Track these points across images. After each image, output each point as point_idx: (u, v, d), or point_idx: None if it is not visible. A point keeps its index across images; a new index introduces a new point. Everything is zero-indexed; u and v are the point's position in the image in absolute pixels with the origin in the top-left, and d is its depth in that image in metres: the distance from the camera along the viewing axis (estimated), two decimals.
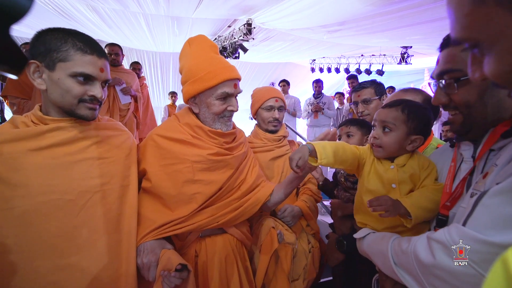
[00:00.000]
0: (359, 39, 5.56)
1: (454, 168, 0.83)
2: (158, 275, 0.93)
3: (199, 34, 1.18)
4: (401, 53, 6.32)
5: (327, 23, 4.55)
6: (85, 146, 0.95)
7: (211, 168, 1.12)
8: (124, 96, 3.03)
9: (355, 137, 1.34)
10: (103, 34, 5.73)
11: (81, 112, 0.92)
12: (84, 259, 0.90)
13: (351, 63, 7.69)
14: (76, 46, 0.88)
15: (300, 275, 1.39)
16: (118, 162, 1.02)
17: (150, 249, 1.00)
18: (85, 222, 0.91)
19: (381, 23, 4.26)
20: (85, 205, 0.91)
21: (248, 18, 4.93)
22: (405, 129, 0.92)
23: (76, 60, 0.88)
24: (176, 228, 1.06)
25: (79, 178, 0.92)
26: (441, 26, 4.09)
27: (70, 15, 4.64)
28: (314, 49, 6.63)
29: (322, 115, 5.04)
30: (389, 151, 0.94)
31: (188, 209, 1.07)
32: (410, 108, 0.92)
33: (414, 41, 5.51)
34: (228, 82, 1.11)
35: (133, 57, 6.84)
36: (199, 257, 1.14)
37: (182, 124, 1.15)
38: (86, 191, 0.92)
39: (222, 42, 5.98)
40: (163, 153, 1.10)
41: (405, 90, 1.24)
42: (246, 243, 1.26)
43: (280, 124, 1.57)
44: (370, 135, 0.99)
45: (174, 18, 4.97)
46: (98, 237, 0.93)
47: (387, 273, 0.82)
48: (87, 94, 0.91)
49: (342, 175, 1.33)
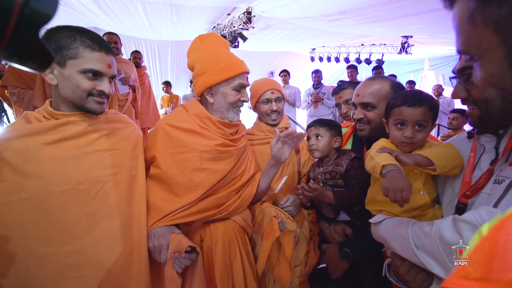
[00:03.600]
0: (359, 28, 5.51)
1: (474, 158, 0.85)
2: (169, 257, 0.99)
3: (210, 32, 1.27)
4: (402, 43, 6.29)
5: (327, 12, 4.49)
6: (95, 139, 1.00)
7: (217, 158, 1.20)
8: (122, 86, 3.02)
9: (324, 138, 1.31)
10: (100, 21, 5.63)
11: (90, 106, 0.97)
12: (98, 243, 0.96)
13: (351, 52, 7.64)
14: (85, 43, 0.92)
15: (302, 261, 1.46)
16: (126, 153, 1.07)
17: (161, 233, 1.07)
18: (98, 210, 0.97)
19: (382, 12, 4.22)
20: (97, 194, 0.97)
21: (247, 6, 4.85)
22: (432, 123, 0.97)
23: (85, 57, 0.92)
24: (184, 216, 1.13)
25: (91, 169, 0.97)
26: (442, 16, 4.06)
27: (67, 3, 4.55)
28: (314, 38, 6.56)
29: (322, 105, 5.05)
30: (419, 145, 0.99)
31: (194, 195, 1.14)
32: (434, 104, 0.97)
33: (414, 30, 5.47)
34: (243, 75, 1.22)
35: (131, 45, 6.73)
36: (204, 241, 1.22)
37: (191, 115, 1.22)
38: (97, 181, 0.97)
39: (222, 30, 5.90)
40: (173, 142, 1.16)
41: (372, 78, 1.24)
42: (247, 229, 1.34)
43: (280, 115, 1.58)
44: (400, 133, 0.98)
45: (172, 6, 4.88)
46: (110, 223, 0.99)
47: (406, 256, 0.83)
48: (96, 89, 0.96)
49: (320, 180, 1.30)
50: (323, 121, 1.35)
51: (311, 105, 5.12)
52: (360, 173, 1.19)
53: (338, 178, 1.24)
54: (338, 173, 1.24)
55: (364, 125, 1.23)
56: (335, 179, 1.25)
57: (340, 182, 1.24)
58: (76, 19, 5.42)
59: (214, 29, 6.25)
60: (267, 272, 1.43)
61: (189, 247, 0.99)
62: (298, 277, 1.42)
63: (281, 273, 1.31)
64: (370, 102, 1.18)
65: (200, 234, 1.23)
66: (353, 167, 1.21)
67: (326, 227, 1.32)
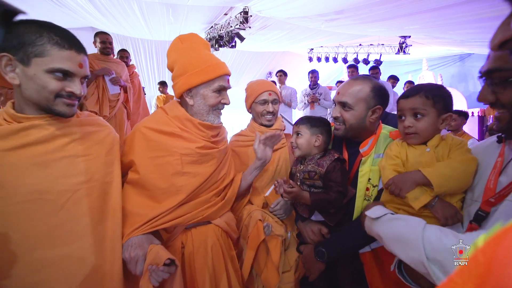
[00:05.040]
0: (357, 28, 5.49)
1: (501, 163, 0.79)
2: (146, 269, 0.93)
3: (190, 33, 1.22)
4: (400, 43, 6.27)
5: (324, 11, 4.47)
6: (64, 144, 0.92)
7: (199, 161, 1.16)
8: (113, 87, 3.00)
9: (303, 136, 1.27)
10: (97, 21, 5.61)
11: (58, 108, 0.89)
12: (66, 257, 0.88)
13: (349, 52, 7.63)
14: (53, 40, 0.84)
15: (292, 267, 1.41)
16: (100, 158, 1.01)
17: (138, 243, 1.01)
18: (66, 221, 0.89)
19: (379, 12, 4.19)
20: (65, 204, 0.89)
21: (244, 6, 4.83)
22: (435, 111, 0.95)
23: (53, 56, 0.84)
24: (164, 222, 1.08)
25: (59, 177, 0.90)
26: (439, 15, 4.04)
27: (62, 2, 4.52)
28: (311, 38, 6.54)
29: (318, 106, 5.02)
30: (425, 136, 0.97)
31: (175, 200, 1.10)
32: (432, 92, 0.95)
33: (412, 30, 5.45)
34: (224, 77, 1.19)
35: (128, 45, 6.72)
36: (185, 248, 1.17)
37: (170, 117, 1.18)
38: (66, 190, 0.90)
39: (219, 30, 5.88)
40: (152, 145, 1.12)
41: (356, 78, 1.22)
42: (230, 234, 1.29)
43: (274, 117, 1.57)
44: (401, 125, 1.00)
45: (169, 6, 4.86)
46: (79, 236, 0.91)
47: (409, 262, 0.75)
48: (65, 90, 0.88)
49: (298, 178, 1.28)
50: (306, 119, 1.32)
51: (307, 106, 5.09)
52: (340, 176, 1.16)
53: (317, 178, 1.21)
54: (318, 173, 1.20)
55: (340, 124, 1.21)
56: (313, 179, 1.22)
57: (318, 183, 1.21)
58: (72, 19, 5.41)
59: (211, 29, 6.23)
60: (256, 276, 1.40)
61: (168, 259, 0.93)
62: (286, 283, 1.37)
63: (268, 278, 1.28)
64: (347, 102, 1.16)
65: (182, 240, 1.18)
66: (334, 169, 1.18)
67: (303, 226, 1.30)
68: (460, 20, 4.16)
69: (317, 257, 1.17)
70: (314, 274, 1.21)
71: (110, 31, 6.29)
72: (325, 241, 1.20)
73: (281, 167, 1.52)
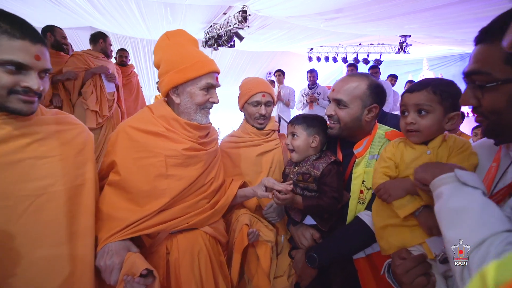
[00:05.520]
0: (356, 28, 5.44)
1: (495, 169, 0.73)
2: (121, 279, 0.87)
3: (178, 29, 1.18)
4: (400, 42, 6.22)
5: (323, 10, 4.43)
6: (23, 145, 0.84)
7: (185, 163, 1.11)
8: (108, 85, 2.98)
9: (300, 138, 1.21)
10: (96, 21, 5.60)
11: (13, 106, 0.80)
12: (30, 268, 0.81)
13: (349, 52, 7.58)
14: (1, 29, 0.75)
15: (285, 272, 1.38)
16: (68, 160, 0.92)
17: (115, 250, 0.95)
18: (28, 229, 0.82)
19: (378, 10, 4.15)
20: (26, 211, 0.82)
21: (243, 5, 4.80)
22: (442, 109, 0.89)
23: (2, 46, 0.75)
24: (146, 227, 1.03)
25: (18, 181, 0.82)
26: (440, 14, 4.00)
27: (61, 2, 4.51)
28: (311, 37, 6.50)
29: (317, 106, 4.99)
30: (428, 134, 0.92)
31: (157, 203, 1.05)
32: (441, 87, 0.89)
33: (412, 30, 5.40)
34: (212, 74, 1.14)
35: (127, 45, 6.70)
36: (170, 254, 1.12)
37: (156, 117, 1.13)
38: (27, 195, 0.83)
39: (217, 30, 5.85)
40: (136, 146, 1.07)
41: (351, 74, 1.17)
42: (219, 238, 1.24)
43: (267, 120, 1.52)
44: (403, 121, 0.94)
45: (167, 5, 4.84)
46: (45, 243, 0.84)
47: (449, 242, 0.62)
48: (20, 85, 0.79)
49: (292, 179, 1.24)
50: (301, 118, 1.25)
51: (306, 106, 5.06)
52: (335, 181, 1.12)
53: (311, 181, 1.17)
54: (312, 176, 1.16)
55: (334, 123, 1.16)
56: (307, 182, 1.18)
57: (312, 186, 1.17)
58: (71, 19, 5.40)
59: (210, 29, 6.20)
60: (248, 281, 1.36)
61: (145, 270, 0.87)
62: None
63: (259, 285, 1.24)
64: (342, 100, 1.12)
65: (166, 246, 1.12)
66: (329, 173, 1.13)
67: (294, 231, 1.26)
68: (458, 20, 4.11)
69: (308, 262, 1.13)
70: (306, 280, 1.17)
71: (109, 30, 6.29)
72: (317, 246, 1.15)
73: (274, 169, 1.48)
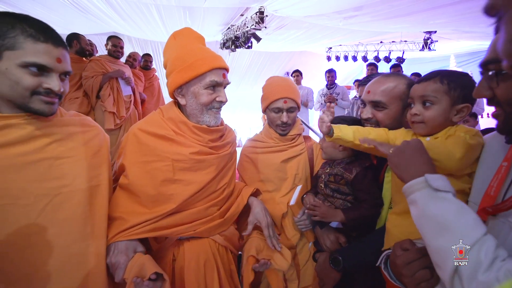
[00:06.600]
0: (377, 25, 5.26)
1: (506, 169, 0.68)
2: (130, 281, 0.87)
3: (184, 27, 1.14)
4: (424, 39, 5.93)
5: (342, 8, 4.32)
6: (43, 145, 0.86)
7: (193, 168, 1.07)
8: (125, 88, 3.10)
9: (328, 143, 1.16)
10: (119, 26, 5.82)
11: (35, 106, 0.83)
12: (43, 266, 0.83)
13: (369, 50, 7.35)
14: (26, 32, 0.78)
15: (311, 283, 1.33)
16: (84, 160, 0.94)
17: (122, 249, 0.96)
18: (45, 228, 0.84)
19: (400, 7, 3.98)
20: (44, 209, 0.84)
21: (260, 6, 4.79)
22: (449, 100, 0.86)
23: (26, 49, 0.78)
24: (150, 230, 1.01)
25: (36, 180, 0.84)
26: (468, 7, 3.76)
27: (86, 9, 4.73)
28: (329, 36, 6.37)
29: (336, 106, 4.87)
30: (433, 126, 0.89)
31: (164, 208, 1.02)
32: (450, 77, 0.86)
33: (438, 25, 5.13)
34: (217, 71, 1.06)
35: (148, 49, 6.91)
36: (176, 261, 1.09)
37: (165, 119, 1.10)
38: (45, 194, 0.84)
39: (235, 31, 5.88)
40: (144, 149, 1.05)
41: (387, 75, 1.13)
42: (230, 248, 1.18)
43: (289, 127, 1.43)
44: (408, 113, 0.93)
45: (186, 8, 4.93)
46: (61, 242, 0.86)
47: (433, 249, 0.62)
48: (42, 87, 0.82)
49: (323, 180, 1.20)
50: (339, 120, 1.22)
51: (324, 106, 4.96)
52: (373, 187, 1.09)
53: (343, 183, 1.13)
54: (344, 178, 1.13)
55: (372, 125, 1.12)
56: (339, 184, 1.15)
57: (343, 188, 1.13)
58: (96, 25, 5.65)
59: (228, 30, 6.25)
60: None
61: (154, 273, 0.87)
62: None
63: None
64: (380, 101, 1.07)
65: (173, 252, 1.09)
66: (365, 178, 1.09)
67: (320, 233, 1.22)
68: None
69: (332, 264, 1.09)
70: (329, 284, 1.12)
71: (131, 35, 6.53)
72: (342, 249, 1.12)
73: (301, 175, 1.41)
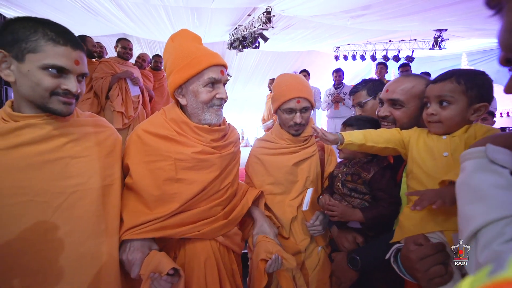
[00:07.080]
0: (385, 24, 5.19)
1: None
2: (147, 276, 0.90)
3: (181, 29, 1.15)
4: (434, 37, 5.81)
5: (350, 8, 4.29)
6: (60, 144, 0.89)
7: (196, 167, 1.08)
8: (133, 88, 3.16)
9: None
10: (128, 28, 5.92)
11: (54, 107, 0.87)
12: (57, 262, 0.86)
13: (378, 49, 7.24)
14: (47, 36, 0.82)
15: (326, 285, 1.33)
16: (98, 160, 0.97)
17: (137, 247, 0.99)
18: (60, 225, 0.87)
19: (409, 5, 3.93)
20: (60, 207, 0.87)
21: (267, 6, 4.80)
22: (466, 99, 0.86)
23: (47, 51, 0.82)
24: (155, 229, 1.02)
25: (53, 179, 0.87)
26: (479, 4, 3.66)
27: (96, 11, 4.84)
28: (337, 36, 6.33)
29: (343, 106, 4.83)
30: (450, 125, 0.89)
31: (168, 208, 1.03)
32: (466, 77, 0.86)
33: (449, 23, 5.03)
34: (215, 68, 1.06)
35: (157, 49, 7.00)
36: (177, 259, 1.11)
37: (168, 120, 1.11)
38: (60, 192, 0.87)
39: (242, 31, 5.90)
40: (147, 149, 1.06)
41: (406, 75, 1.13)
42: (233, 248, 1.19)
43: (303, 127, 1.38)
44: (425, 112, 0.94)
45: (193, 9, 4.98)
46: (75, 238, 0.89)
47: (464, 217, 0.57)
48: (61, 88, 0.86)
49: (339, 180, 1.19)
50: (354, 120, 1.23)
51: (331, 106, 4.92)
52: (391, 186, 1.09)
53: (360, 183, 1.14)
54: (362, 178, 1.13)
55: (389, 124, 1.13)
56: (356, 183, 1.15)
57: (361, 187, 1.13)
58: (106, 27, 5.77)
59: (236, 31, 6.28)
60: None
61: (172, 269, 0.90)
62: None
63: None
64: (399, 99, 1.08)
65: (175, 251, 1.12)
66: (383, 177, 1.10)
67: (337, 233, 1.23)
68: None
69: (350, 264, 1.09)
70: (346, 284, 1.13)
71: (140, 36, 6.63)
72: (360, 249, 1.12)
73: (312, 177, 1.38)
